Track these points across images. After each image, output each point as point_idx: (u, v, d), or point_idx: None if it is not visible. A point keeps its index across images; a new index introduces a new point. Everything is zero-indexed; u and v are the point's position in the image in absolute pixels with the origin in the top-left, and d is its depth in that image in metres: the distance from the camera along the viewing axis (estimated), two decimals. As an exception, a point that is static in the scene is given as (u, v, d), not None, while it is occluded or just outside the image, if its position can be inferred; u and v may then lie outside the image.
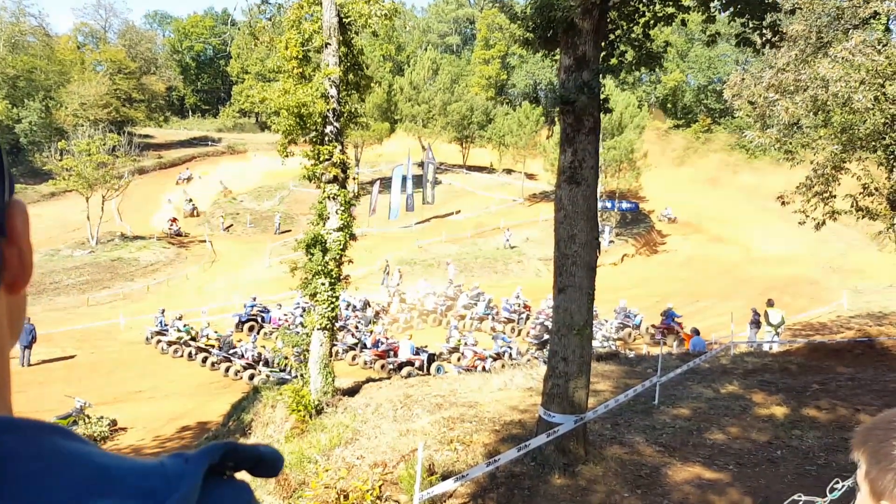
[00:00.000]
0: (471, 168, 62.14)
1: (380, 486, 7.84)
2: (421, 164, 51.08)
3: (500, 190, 55.50)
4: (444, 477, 7.51)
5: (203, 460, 0.55)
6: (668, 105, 69.03)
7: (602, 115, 7.60)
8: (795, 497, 2.58)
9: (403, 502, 7.58)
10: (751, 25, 7.58)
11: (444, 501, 7.46)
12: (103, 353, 24.70)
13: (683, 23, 8.02)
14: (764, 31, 7.65)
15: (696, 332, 19.15)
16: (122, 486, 0.51)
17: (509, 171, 59.52)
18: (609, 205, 44.66)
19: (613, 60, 7.97)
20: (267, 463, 0.60)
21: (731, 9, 7.48)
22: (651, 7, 7.87)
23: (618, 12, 7.76)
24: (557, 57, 7.68)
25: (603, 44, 7.63)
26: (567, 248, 7.59)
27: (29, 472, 0.50)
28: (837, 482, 1.23)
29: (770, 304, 19.46)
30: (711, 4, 7.56)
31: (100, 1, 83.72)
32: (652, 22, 7.94)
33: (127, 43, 77.10)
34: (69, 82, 62.39)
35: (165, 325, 24.98)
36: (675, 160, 64.36)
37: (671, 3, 7.79)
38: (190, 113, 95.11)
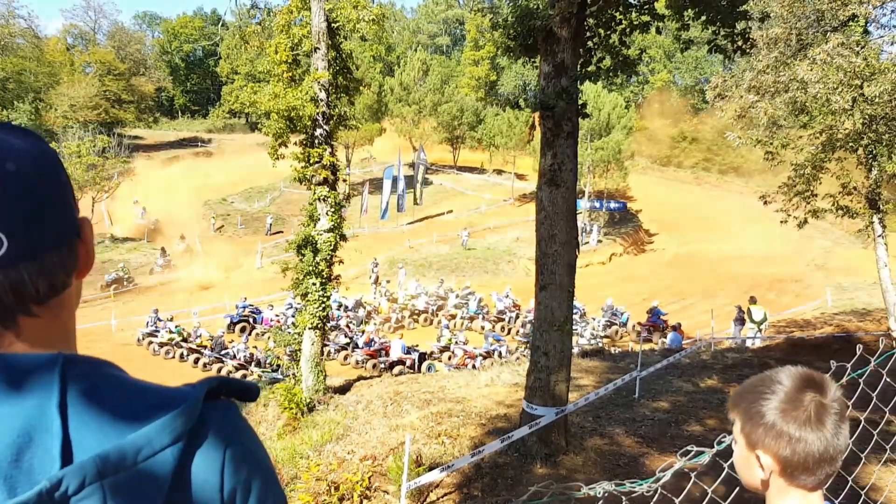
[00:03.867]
0: (461, 168, 62.48)
1: (369, 478, 8.12)
2: (411, 165, 51.37)
3: (491, 190, 55.87)
4: (432, 468, 7.80)
5: (203, 386, 0.85)
6: (655, 105, 69.52)
7: (581, 120, 7.92)
8: (688, 447, 2.90)
9: (392, 492, 7.87)
10: (722, 33, 7.91)
11: (432, 491, 7.75)
12: (95, 354, 24.63)
13: (658, 31, 8.34)
14: (735, 38, 7.98)
15: (675, 328, 19.52)
16: (157, 395, 0.83)
17: (500, 172, 59.89)
18: (597, 205, 45.09)
19: (591, 67, 8.29)
20: (250, 390, 0.92)
21: (704, 17, 7.81)
22: (627, 15, 8.19)
23: (595, 20, 8.07)
24: (538, 64, 7.99)
25: (581, 51, 7.95)
26: (548, 248, 7.90)
27: (98, 386, 0.81)
28: (724, 436, 1.50)
29: (753, 301, 19.85)
30: (685, 13, 7.89)
31: (89, 2, 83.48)
32: (628, 29, 8.26)
33: (116, 44, 77.04)
34: (59, 84, 62.40)
35: (159, 319, 25.25)
36: (661, 159, 64.92)
37: (646, 12, 8.11)
38: (179, 114, 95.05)
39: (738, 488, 1.59)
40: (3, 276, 0.79)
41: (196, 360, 23.00)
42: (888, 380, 3.41)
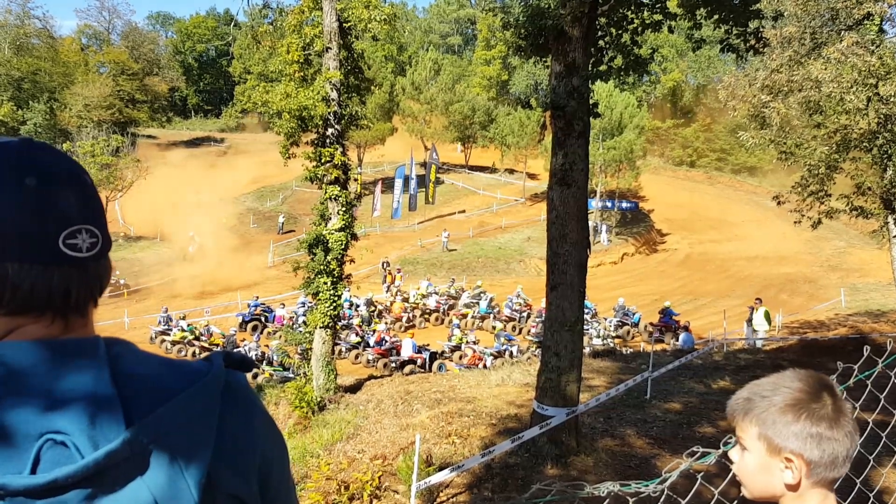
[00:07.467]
0: (473, 168, 62.46)
1: (379, 477, 8.13)
2: (423, 164, 51.40)
3: (502, 189, 55.83)
4: (442, 468, 7.79)
5: (220, 356, 1.01)
6: (668, 104, 69.20)
7: (592, 119, 7.89)
8: (693, 449, 2.88)
9: (402, 492, 7.87)
10: (734, 32, 7.86)
11: (442, 491, 7.75)
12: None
13: (670, 29, 8.30)
14: (748, 37, 7.93)
15: (685, 328, 19.42)
16: (184, 365, 0.98)
17: (511, 171, 59.83)
18: (609, 204, 44.91)
19: (603, 66, 8.26)
20: (247, 361, 1.06)
21: (716, 16, 7.76)
22: (639, 14, 8.15)
23: (607, 19, 8.04)
24: (549, 63, 7.97)
25: (592, 50, 7.92)
26: (559, 248, 7.88)
27: (134, 361, 0.94)
28: (730, 438, 1.50)
29: (759, 302, 19.86)
30: (697, 12, 7.85)
31: (103, 3, 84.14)
32: (640, 28, 8.23)
33: (130, 44, 77.56)
34: (73, 84, 62.81)
35: (170, 318, 25.36)
36: (673, 159, 64.66)
37: (658, 11, 8.08)
38: (192, 113, 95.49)
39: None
40: (95, 267, 0.95)
41: (208, 359, 23.08)
42: (896, 382, 3.37)
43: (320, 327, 12.67)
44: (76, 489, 0.80)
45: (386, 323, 26.02)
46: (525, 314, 27.45)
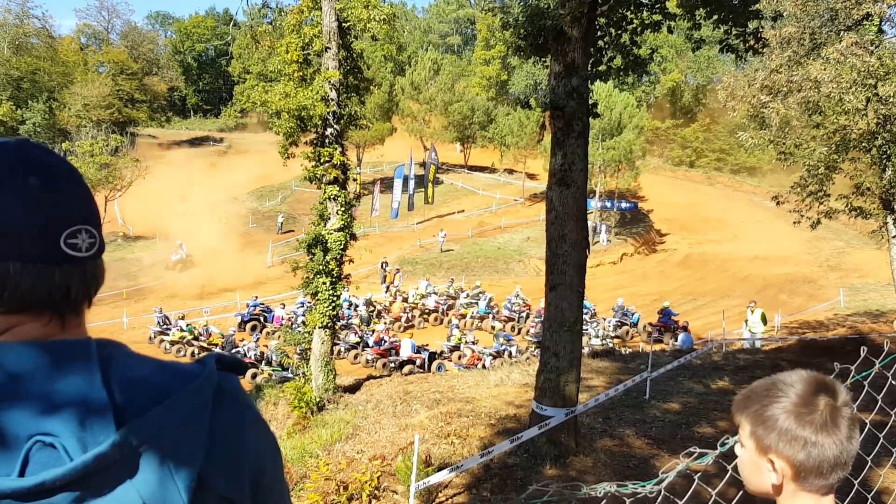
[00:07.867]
0: (472, 168, 62.46)
1: (378, 478, 8.12)
2: (423, 164, 51.39)
3: (502, 189, 55.83)
4: (441, 468, 7.79)
5: (212, 358, 0.99)
6: (667, 104, 69.19)
7: (592, 120, 7.89)
8: (690, 449, 2.88)
9: (401, 492, 7.87)
10: (734, 32, 7.86)
11: (441, 491, 7.74)
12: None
13: (670, 30, 8.31)
14: (747, 37, 7.93)
15: (684, 328, 19.42)
16: (177, 367, 0.97)
17: (510, 171, 59.83)
18: (608, 204, 44.91)
19: (602, 67, 8.26)
20: (241, 364, 1.07)
21: (716, 16, 7.76)
22: (638, 14, 8.16)
23: (606, 19, 8.04)
24: (548, 63, 7.97)
25: (592, 50, 7.92)
26: (558, 248, 7.88)
27: (127, 363, 0.93)
28: (728, 438, 1.51)
29: (754, 304, 19.94)
30: (696, 12, 7.85)
31: (102, 2, 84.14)
32: (639, 29, 8.23)
33: (129, 44, 77.61)
34: (72, 83, 62.82)
35: (167, 318, 25.31)
36: (673, 159, 64.68)
37: (658, 11, 8.08)
38: (192, 113, 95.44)
39: (743, 490, 1.57)
40: (93, 266, 0.96)
41: (207, 359, 23.06)
42: (894, 382, 3.37)
43: (319, 327, 12.66)
44: (64, 492, 0.80)
45: (385, 323, 25.99)
46: (524, 314, 27.45)
